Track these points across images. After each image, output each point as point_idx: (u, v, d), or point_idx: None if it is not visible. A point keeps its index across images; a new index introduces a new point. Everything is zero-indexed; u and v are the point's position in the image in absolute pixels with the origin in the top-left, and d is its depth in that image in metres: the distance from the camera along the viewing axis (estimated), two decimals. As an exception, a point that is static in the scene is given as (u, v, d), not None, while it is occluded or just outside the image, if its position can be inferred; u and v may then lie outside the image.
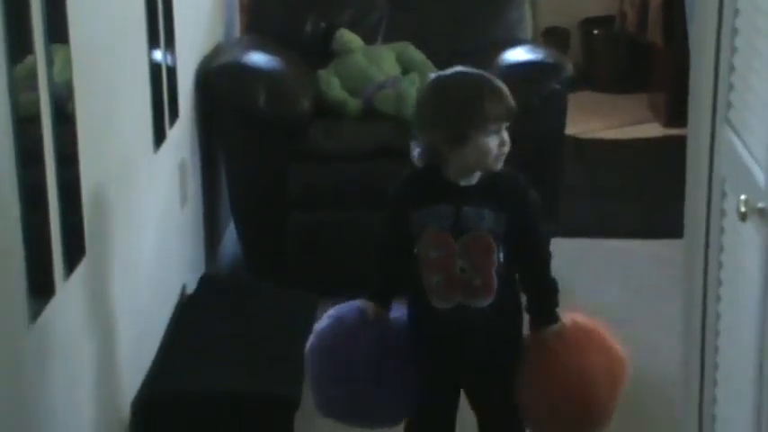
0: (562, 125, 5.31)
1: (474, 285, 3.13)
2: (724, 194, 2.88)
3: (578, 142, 6.82)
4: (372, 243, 4.91)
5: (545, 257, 3.26)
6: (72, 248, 3.11)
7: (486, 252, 3.12)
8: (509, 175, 3.18)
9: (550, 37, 7.74)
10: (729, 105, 2.87)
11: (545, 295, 3.21)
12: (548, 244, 3.32)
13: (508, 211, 3.11)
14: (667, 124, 7.08)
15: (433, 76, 3.32)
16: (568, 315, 3.25)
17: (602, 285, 5.26)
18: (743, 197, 2.58)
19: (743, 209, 2.56)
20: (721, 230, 2.94)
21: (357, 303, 3.32)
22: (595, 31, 8.09)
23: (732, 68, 2.86)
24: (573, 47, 8.03)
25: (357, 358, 3.19)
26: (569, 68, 5.36)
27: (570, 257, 5.29)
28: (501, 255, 3.13)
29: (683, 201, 3.46)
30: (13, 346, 2.77)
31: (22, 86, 2.80)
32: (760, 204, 2.48)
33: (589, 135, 7.07)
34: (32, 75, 2.89)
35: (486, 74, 3.27)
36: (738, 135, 2.77)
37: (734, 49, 2.84)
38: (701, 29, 3.20)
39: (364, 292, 3.71)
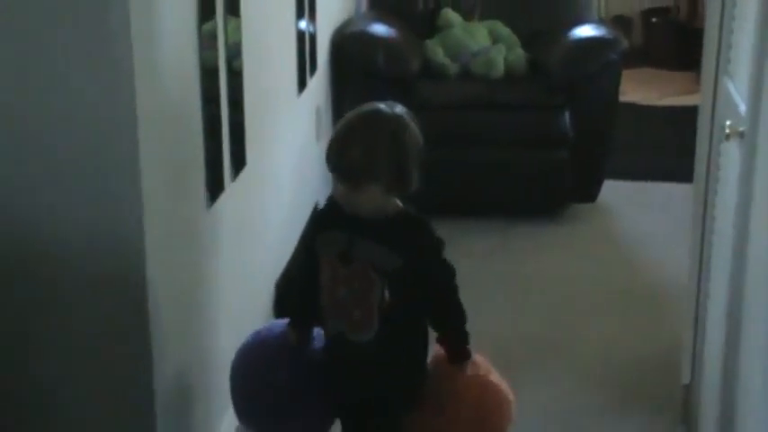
0: (617, 90, 5.34)
1: (353, 317, 2.67)
2: (722, 128, 2.79)
3: (637, 108, 6.89)
4: (462, 179, 5.22)
5: (447, 299, 2.78)
6: (237, 160, 3.33)
7: (367, 286, 2.65)
8: (410, 216, 2.74)
9: (617, 23, 7.60)
10: (728, 60, 2.88)
11: (449, 334, 2.78)
12: (451, 285, 2.78)
13: (401, 253, 2.64)
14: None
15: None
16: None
17: (647, 210, 5.45)
18: (728, 122, 2.63)
19: (727, 131, 2.61)
20: (718, 154, 2.94)
21: (281, 326, 2.88)
22: (654, 19, 8.09)
23: (731, 31, 2.88)
24: (635, 32, 8.03)
25: (272, 381, 2.77)
26: (624, 43, 5.43)
27: (623, 196, 5.60)
28: (386, 292, 2.64)
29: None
30: (197, 223, 3.00)
31: (206, 45, 3.01)
32: (741, 128, 2.50)
33: (646, 102, 7.13)
34: (213, 37, 3.09)
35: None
36: (732, 81, 2.79)
37: (732, 17, 2.86)
38: (713, 3, 3.15)
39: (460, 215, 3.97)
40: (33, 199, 2.57)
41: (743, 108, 2.49)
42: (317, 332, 2.83)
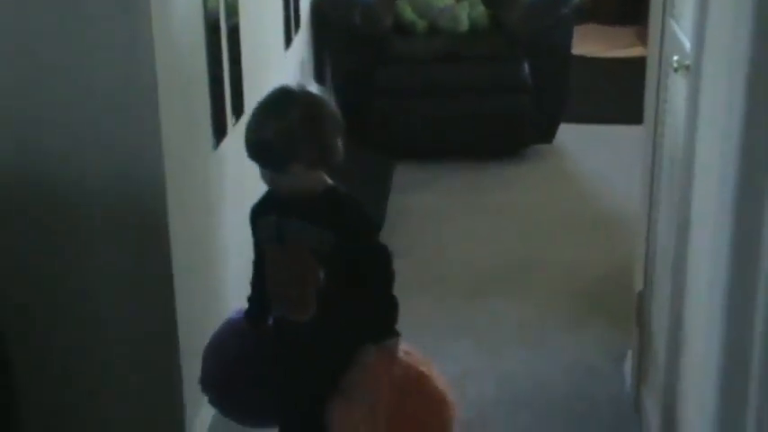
0: (569, 42, 5.42)
1: (292, 298, 2.50)
2: (670, 64, 2.74)
3: (586, 60, 6.92)
4: (434, 126, 5.31)
5: (379, 278, 2.50)
6: (236, 107, 3.43)
7: (304, 267, 2.46)
8: (338, 194, 2.50)
9: None
10: (673, 5, 2.85)
11: (378, 314, 2.50)
12: (384, 264, 2.51)
13: (333, 231, 2.43)
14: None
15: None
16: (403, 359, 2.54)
17: (597, 149, 5.53)
18: (675, 57, 2.63)
19: (675, 65, 2.61)
20: (666, 88, 2.91)
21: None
22: None
23: None
24: None
25: (233, 361, 2.59)
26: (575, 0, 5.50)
27: (576, 137, 5.65)
28: (321, 273, 2.45)
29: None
30: (205, 162, 3.12)
31: (208, 4, 3.08)
32: (686, 62, 2.51)
33: (594, 54, 7.18)
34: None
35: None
36: (677, 23, 2.77)
37: None
38: None
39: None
40: (66, 141, 2.62)
41: (688, 45, 2.50)
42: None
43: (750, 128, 2.00)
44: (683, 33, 2.63)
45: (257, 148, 2.43)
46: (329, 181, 2.51)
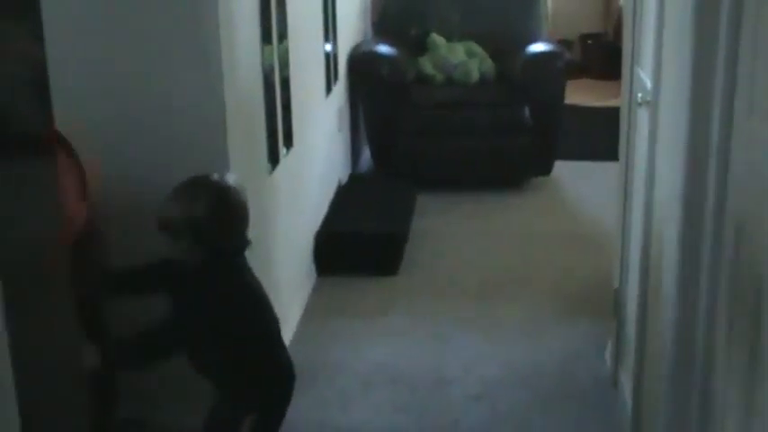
0: (563, 90, 5.40)
1: None
2: (636, 101, 2.85)
3: (579, 108, 6.85)
4: (450, 161, 5.40)
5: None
6: (287, 141, 3.56)
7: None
8: (204, 277, 2.33)
9: (561, 44, 7.60)
10: (639, 55, 2.91)
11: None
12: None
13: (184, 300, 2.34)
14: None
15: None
16: None
17: (587, 182, 5.48)
18: (639, 95, 2.74)
19: (639, 101, 2.74)
20: (635, 120, 2.94)
21: None
22: (589, 41, 8.00)
23: (640, 35, 2.90)
24: (575, 51, 7.84)
25: None
26: (567, 55, 5.60)
27: (570, 171, 5.63)
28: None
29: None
30: (263, 184, 3.22)
31: (265, 59, 3.22)
32: (648, 98, 2.61)
33: (585, 104, 7.07)
34: (270, 53, 3.29)
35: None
36: (642, 69, 2.83)
37: (640, 27, 2.88)
38: (627, 19, 3.14)
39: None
40: (151, 173, 2.70)
41: (648, 85, 2.63)
42: None
43: (691, 146, 2.15)
44: (645, 76, 2.73)
45: (161, 219, 2.30)
46: (224, 266, 2.35)
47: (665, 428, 2.36)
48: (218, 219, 2.30)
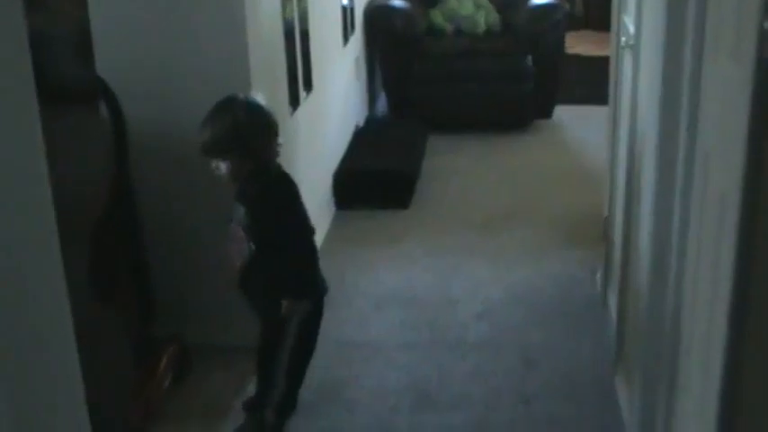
0: (563, 40, 5.43)
1: (236, 265, 2.48)
2: (622, 44, 2.91)
3: (580, 57, 6.80)
4: (459, 105, 5.42)
5: (287, 248, 2.43)
6: (307, 85, 3.60)
7: (240, 240, 2.43)
8: (255, 173, 2.41)
9: None
10: (626, 1, 2.92)
11: (277, 275, 2.44)
12: (281, 237, 2.41)
13: (249, 208, 2.40)
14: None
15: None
16: None
17: (584, 124, 5.46)
18: (623, 38, 2.80)
19: (623, 45, 2.82)
20: (621, 62, 2.97)
21: None
22: None
23: None
24: (578, 4, 7.75)
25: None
26: (566, 7, 5.59)
27: (569, 114, 5.65)
28: (251, 244, 2.42)
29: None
30: (284, 125, 3.09)
31: (286, 11, 3.22)
32: (630, 42, 2.66)
33: (586, 53, 6.97)
34: (291, 8, 3.31)
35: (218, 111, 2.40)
36: (627, 15, 2.86)
37: None
38: None
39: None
40: (185, 114, 2.72)
41: (632, 30, 2.67)
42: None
43: (666, 83, 2.22)
44: (629, 22, 2.76)
45: (207, 142, 2.35)
46: (260, 165, 2.40)
47: (644, 337, 2.45)
48: (258, 125, 2.38)
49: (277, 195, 2.43)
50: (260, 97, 2.51)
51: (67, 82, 1.59)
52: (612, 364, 2.93)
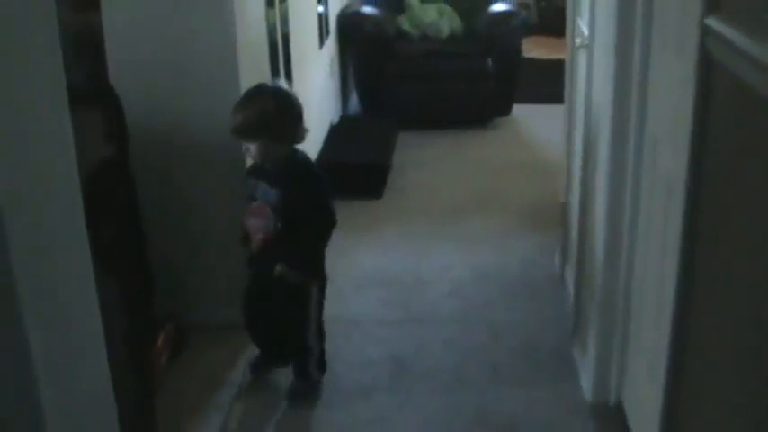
0: (520, 44, 5.46)
1: (256, 240, 2.50)
2: (576, 45, 2.94)
3: (534, 60, 6.82)
4: (426, 103, 5.40)
5: (308, 229, 2.48)
6: (287, 75, 3.52)
7: (264, 217, 2.46)
8: (291, 159, 2.48)
9: (519, 5, 7.57)
10: (579, 6, 2.98)
11: (294, 250, 2.49)
12: (316, 222, 2.49)
13: (279, 187, 2.44)
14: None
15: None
16: None
17: (539, 121, 5.54)
18: (578, 40, 2.85)
19: (578, 45, 2.87)
20: (576, 62, 3.04)
21: None
22: (543, 3, 7.95)
23: None
24: (532, 11, 7.74)
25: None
26: (524, 15, 5.68)
27: (527, 112, 5.70)
28: (278, 223, 2.45)
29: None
30: None
31: (269, 17, 3.27)
32: (585, 43, 2.70)
33: (541, 57, 7.01)
34: (273, 13, 3.36)
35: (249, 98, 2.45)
36: (581, 18, 2.90)
37: None
38: None
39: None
40: (180, 102, 2.80)
41: (585, 31, 2.73)
42: None
43: (618, 77, 2.31)
44: (583, 24, 2.83)
45: (233, 127, 2.40)
46: (294, 151, 2.47)
47: (598, 306, 2.55)
48: (285, 111, 2.44)
49: (314, 186, 2.49)
50: (285, 85, 2.57)
51: (85, 82, 1.65)
52: (570, 333, 3.02)
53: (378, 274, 3.63)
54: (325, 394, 2.80)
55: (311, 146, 4.39)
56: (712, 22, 1.36)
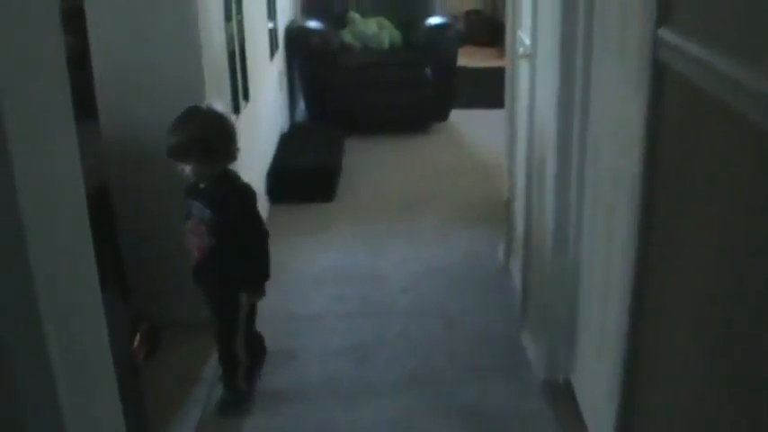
0: (456, 53, 5.53)
1: (194, 255, 2.47)
2: (518, 54, 2.97)
3: (467, 69, 6.68)
4: (368, 110, 5.44)
5: (253, 246, 2.47)
6: (245, 95, 3.62)
7: (197, 234, 2.44)
8: (222, 179, 2.44)
9: (451, 18, 7.71)
10: (520, 20, 3.01)
11: (250, 271, 2.49)
12: (256, 238, 2.47)
13: (211, 207, 2.41)
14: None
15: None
16: None
17: (475, 125, 5.62)
18: (521, 50, 2.89)
19: (520, 54, 2.89)
20: (517, 71, 3.05)
21: None
22: (473, 16, 8.07)
23: (520, 4, 3.01)
24: (461, 23, 7.95)
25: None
26: (459, 26, 5.72)
27: (463, 117, 5.76)
28: (211, 238, 2.43)
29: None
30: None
31: (228, 31, 3.27)
32: (526, 52, 2.75)
33: (470, 65, 7.00)
34: (231, 26, 3.35)
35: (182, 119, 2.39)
36: (522, 30, 2.94)
37: None
38: None
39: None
40: (149, 114, 2.79)
41: (528, 42, 2.77)
42: None
43: (562, 84, 2.38)
44: (525, 36, 2.89)
45: (173, 147, 2.36)
46: (226, 171, 2.43)
47: (548, 294, 2.62)
48: (218, 133, 2.40)
49: (240, 204, 2.46)
50: (220, 106, 2.54)
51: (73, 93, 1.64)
52: (518, 320, 3.08)
53: (334, 271, 3.65)
54: (295, 385, 2.82)
55: (266, 153, 4.41)
56: (665, 32, 1.42)
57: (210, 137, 2.38)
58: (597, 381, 2.28)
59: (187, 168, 2.40)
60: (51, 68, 1.25)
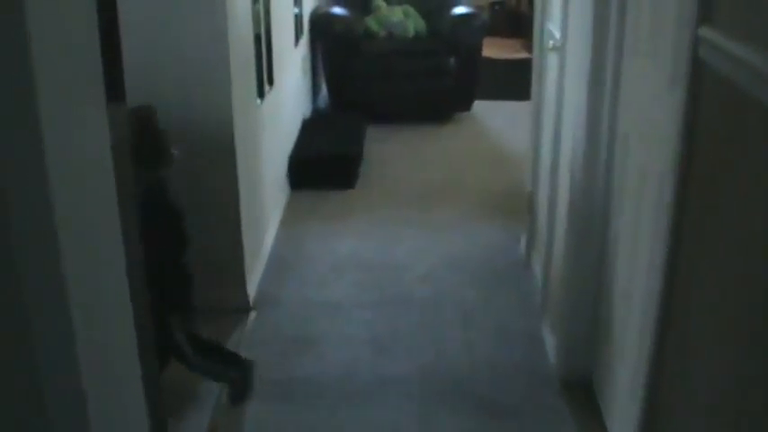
0: (481, 43, 5.49)
1: None
2: (547, 47, 2.94)
3: (491, 60, 6.79)
4: (392, 99, 5.42)
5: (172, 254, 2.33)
6: (270, 80, 3.62)
7: None
8: (155, 192, 2.27)
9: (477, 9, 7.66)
10: (548, 12, 3.01)
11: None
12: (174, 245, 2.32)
13: (143, 218, 1.94)
14: (530, 52, 6.80)
15: None
16: None
17: (498, 116, 5.58)
18: (551, 42, 2.85)
19: (550, 47, 2.86)
20: (546, 63, 3.02)
21: None
22: (496, 8, 7.99)
23: None
24: (486, 15, 8.06)
25: None
26: (485, 17, 5.69)
27: (485, 107, 5.72)
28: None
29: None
30: (254, 112, 3.29)
31: (254, 15, 3.26)
32: (556, 45, 2.73)
33: (494, 57, 7.01)
34: (257, 10, 3.33)
35: None
36: (551, 23, 2.92)
37: None
38: None
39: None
40: (178, 98, 2.79)
41: (557, 34, 2.77)
42: None
43: (592, 79, 2.35)
44: (554, 28, 2.87)
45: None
46: (161, 182, 2.28)
47: (569, 290, 2.59)
48: (145, 144, 2.22)
49: (172, 213, 2.30)
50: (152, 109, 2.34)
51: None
52: (538, 314, 3.06)
53: (353, 259, 3.64)
54: (313, 374, 2.81)
55: (288, 138, 4.41)
56: (705, 31, 1.40)
57: (140, 146, 2.15)
58: (618, 380, 2.26)
59: None
60: (85, 53, 1.25)
